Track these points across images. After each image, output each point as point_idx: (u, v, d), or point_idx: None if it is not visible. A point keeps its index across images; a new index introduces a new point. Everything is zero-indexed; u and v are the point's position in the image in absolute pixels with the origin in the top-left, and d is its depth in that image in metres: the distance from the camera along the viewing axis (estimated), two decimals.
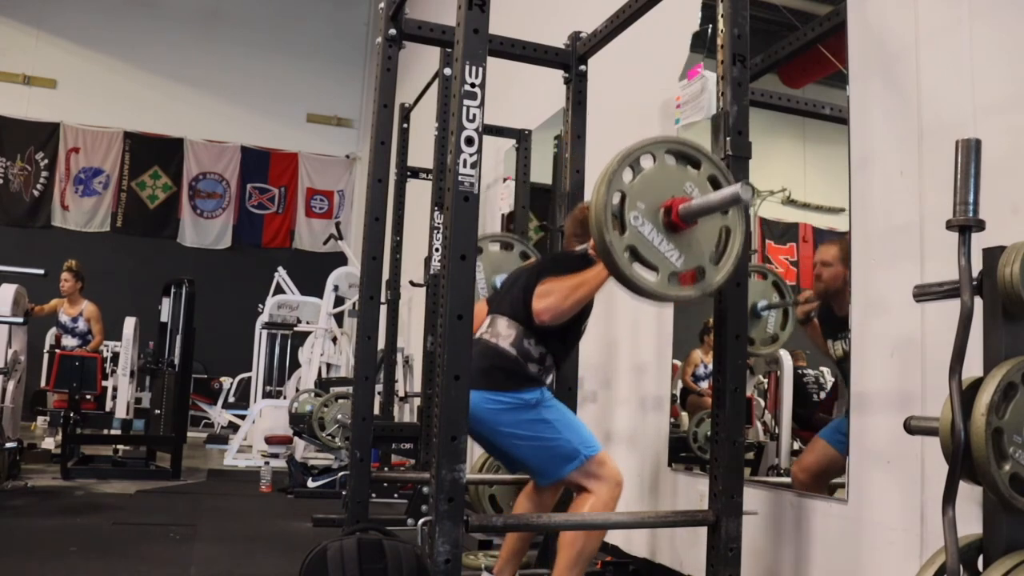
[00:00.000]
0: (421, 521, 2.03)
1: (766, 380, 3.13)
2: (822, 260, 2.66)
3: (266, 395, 8.25)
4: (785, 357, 2.93)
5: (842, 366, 2.41)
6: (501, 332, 2.47)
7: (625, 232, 1.86)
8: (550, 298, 2.34)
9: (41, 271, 5.65)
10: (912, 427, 1.55)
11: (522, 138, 4.69)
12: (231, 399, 9.57)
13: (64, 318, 6.92)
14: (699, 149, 1.98)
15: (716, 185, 1.97)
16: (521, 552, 2.72)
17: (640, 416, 3.46)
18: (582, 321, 2.63)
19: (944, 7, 2.10)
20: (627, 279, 1.86)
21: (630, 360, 3.58)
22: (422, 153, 5.52)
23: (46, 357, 8.37)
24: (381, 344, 5.17)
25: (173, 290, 6.93)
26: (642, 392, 3.47)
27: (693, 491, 3.01)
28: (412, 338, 7.01)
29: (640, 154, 1.94)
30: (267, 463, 6.02)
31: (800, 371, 2.90)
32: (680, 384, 3.35)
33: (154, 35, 11.02)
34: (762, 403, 3.13)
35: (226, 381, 9.69)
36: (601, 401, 3.76)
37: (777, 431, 3.00)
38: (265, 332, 8.59)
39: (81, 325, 6.91)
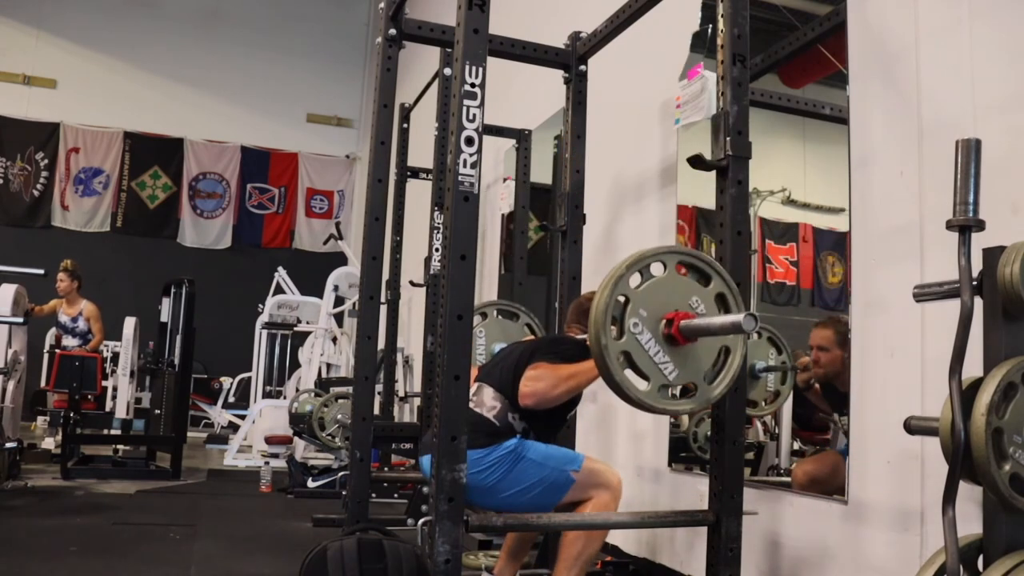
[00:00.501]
0: (421, 521, 2.03)
1: None
2: (818, 345, 2.60)
3: (266, 395, 8.24)
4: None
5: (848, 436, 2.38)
6: (486, 403, 2.44)
7: (623, 337, 1.84)
8: (539, 384, 2.32)
9: (41, 271, 5.65)
10: (912, 427, 1.55)
11: (522, 138, 4.69)
12: (231, 399, 9.56)
13: (64, 318, 6.92)
14: (711, 265, 1.96)
15: (724, 303, 1.95)
16: (521, 552, 2.72)
17: (639, 415, 3.45)
18: (569, 410, 2.61)
19: (944, 7, 2.10)
20: (617, 385, 1.83)
21: None
22: (422, 153, 5.52)
23: (46, 357, 8.37)
24: (381, 344, 5.17)
25: (173, 290, 6.93)
26: None
27: (693, 491, 3.01)
28: (412, 338, 7.01)
29: (651, 261, 1.91)
30: (267, 463, 6.02)
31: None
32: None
33: (154, 35, 11.02)
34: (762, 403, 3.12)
35: (226, 381, 9.68)
36: (601, 401, 3.76)
37: (777, 431, 3.00)
38: (265, 332, 8.58)
39: (81, 325, 6.91)
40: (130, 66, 10.91)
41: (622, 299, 1.85)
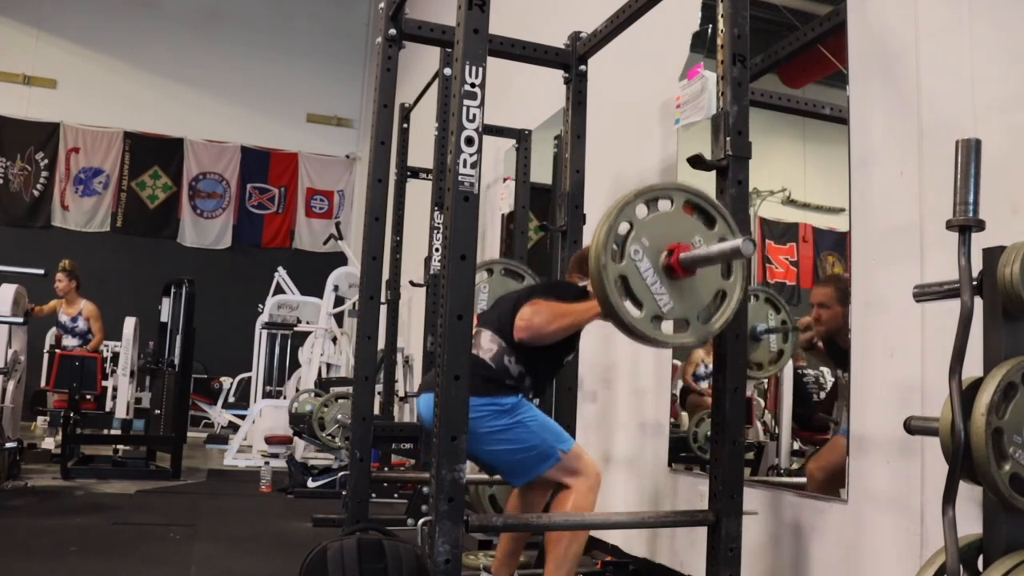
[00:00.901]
0: (421, 521, 2.03)
1: (766, 380, 3.12)
2: (819, 302, 2.63)
3: (266, 395, 8.25)
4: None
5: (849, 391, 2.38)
6: (483, 345, 2.45)
7: (622, 261, 1.86)
8: (535, 318, 2.33)
9: (40, 271, 5.65)
10: (912, 427, 1.55)
11: (522, 138, 4.69)
12: (231, 399, 9.57)
13: (63, 318, 6.92)
14: (717, 207, 1.98)
15: None
16: (517, 551, 2.72)
17: (639, 415, 3.46)
18: (565, 354, 2.62)
19: (944, 7, 2.10)
20: (610, 306, 1.85)
21: (630, 358, 3.58)
22: (422, 153, 5.52)
23: (46, 357, 8.37)
24: (381, 344, 5.17)
25: (173, 290, 6.93)
26: (641, 393, 3.46)
27: (693, 491, 3.01)
28: (412, 338, 7.01)
29: (659, 195, 1.93)
30: (267, 463, 6.02)
31: (800, 371, 2.90)
32: (680, 384, 3.34)
33: (154, 35, 11.02)
34: (762, 403, 3.13)
35: (226, 381, 9.68)
36: (601, 401, 3.76)
37: (777, 431, 3.00)
38: (265, 332, 8.58)
39: (81, 325, 6.91)
40: (130, 66, 10.91)
41: (627, 226, 1.87)
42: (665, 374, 3.29)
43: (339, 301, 7.33)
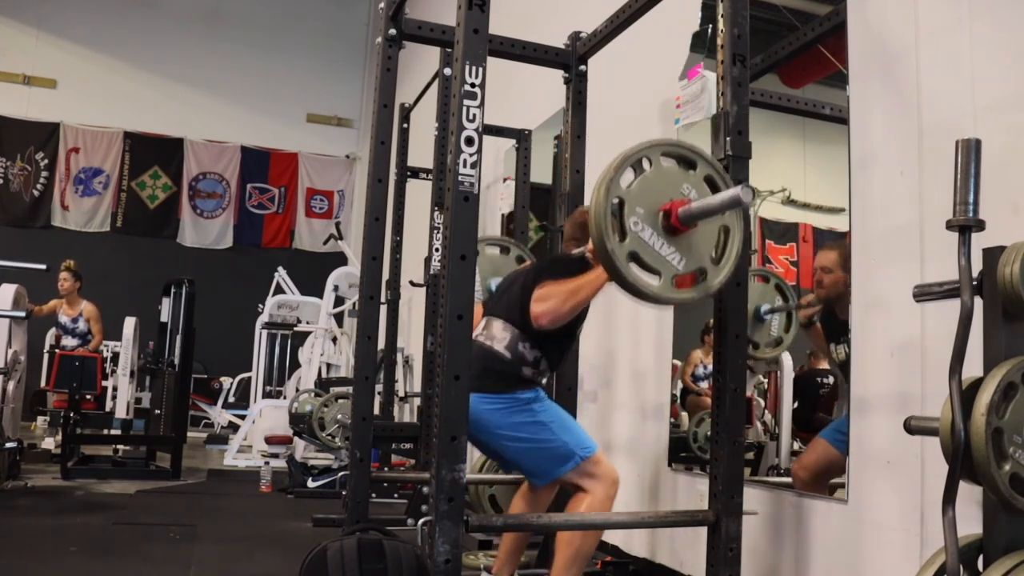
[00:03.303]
0: (421, 521, 2.03)
1: (766, 380, 3.13)
2: (822, 266, 2.64)
3: (266, 395, 8.24)
4: (785, 357, 2.93)
5: (844, 369, 2.40)
6: (496, 335, 2.46)
7: (626, 238, 1.86)
8: (549, 302, 2.33)
9: (43, 266, 5.65)
10: (912, 427, 1.55)
11: (522, 138, 4.69)
12: (231, 399, 9.56)
13: (64, 318, 6.92)
14: (694, 150, 1.98)
15: (713, 185, 1.97)
16: (519, 551, 2.72)
17: (640, 417, 3.46)
18: (578, 325, 2.62)
19: (944, 7, 2.10)
20: (630, 285, 1.86)
21: (630, 359, 3.58)
22: (422, 153, 5.52)
23: (46, 357, 8.36)
24: (381, 344, 5.17)
25: (173, 290, 6.93)
26: (642, 395, 3.46)
27: (693, 491, 3.01)
28: (412, 338, 7.01)
29: (636, 158, 1.94)
30: (267, 463, 6.02)
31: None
32: (680, 384, 3.35)
33: (154, 35, 11.02)
34: (762, 403, 3.13)
35: (226, 381, 9.68)
36: (601, 401, 3.76)
37: (777, 431, 3.00)
38: (265, 332, 8.58)
39: (81, 325, 6.91)
40: (130, 66, 10.91)
41: (617, 201, 1.87)
42: (665, 375, 3.29)
43: (339, 301, 7.33)
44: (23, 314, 5.25)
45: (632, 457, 3.45)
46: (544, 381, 2.55)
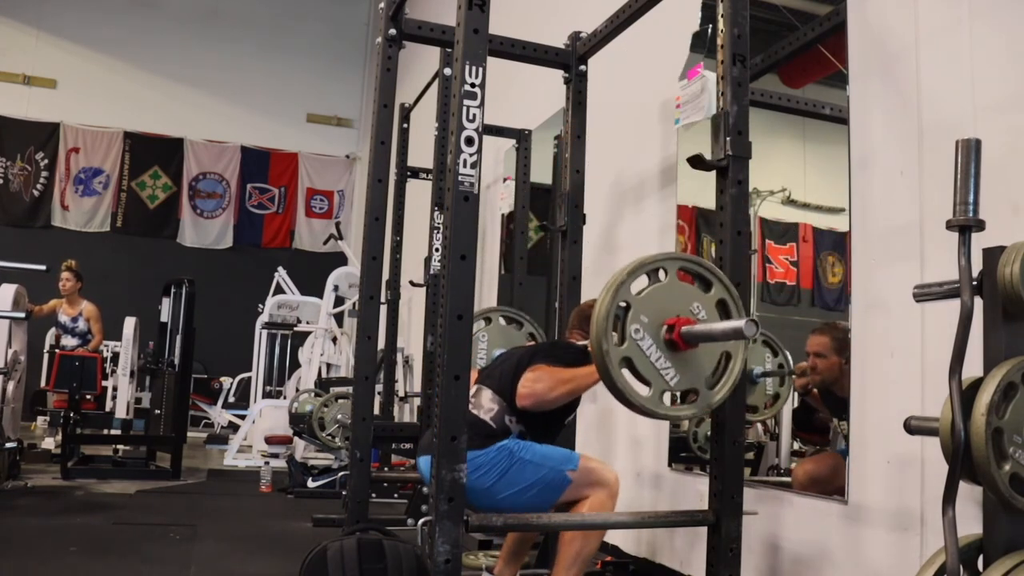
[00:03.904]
0: (421, 521, 2.03)
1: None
2: (815, 352, 2.59)
3: (266, 395, 8.24)
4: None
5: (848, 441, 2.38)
6: (484, 405, 2.45)
7: (624, 343, 1.84)
8: (537, 385, 2.32)
9: (43, 267, 5.65)
10: (912, 427, 1.55)
11: (522, 138, 4.69)
12: (231, 399, 9.56)
13: (64, 318, 6.92)
14: (713, 272, 1.96)
15: (724, 309, 1.95)
16: (521, 552, 2.72)
17: (640, 417, 3.45)
18: (566, 415, 2.61)
19: (944, 7, 2.10)
20: (619, 391, 1.83)
21: None
22: (422, 153, 5.52)
23: (46, 357, 8.36)
24: (381, 344, 5.17)
25: (173, 290, 6.92)
26: None
27: (693, 491, 3.01)
28: (412, 338, 7.01)
29: (653, 267, 1.91)
30: (267, 463, 6.02)
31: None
32: None
33: (154, 35, 11.02)
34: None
35: (226, 381, 9.68)
36: (601, 401, 3.76)
37: (777, 431, 3.00)
38: (265, 332, 8.58)
39: (81, 325, 6.91)
40: (130, 66, 10.91)
41: (624, 305, 1.85)
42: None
43: (339, 301, 7.33)
44: (23, 315, 5.25)
45: (632, 457, 3.45)
46: None
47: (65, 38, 10.72)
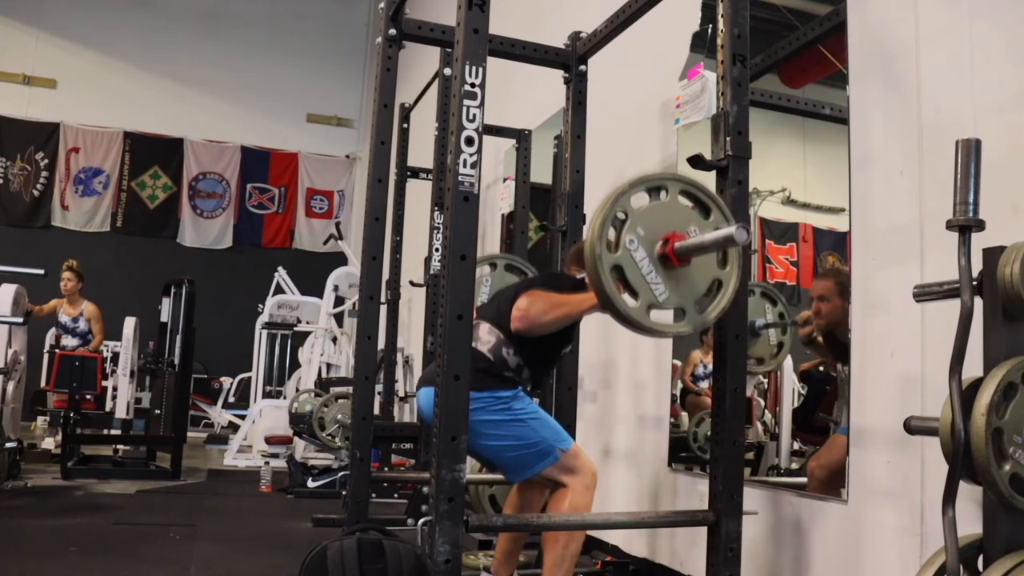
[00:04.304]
0: (421, 521, 2.03)
1: (766, 380, 3.13)
2: (819, 295, 2.62)
3: (266, 395, 8.24)
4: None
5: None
6: (481, 337, 2.45)
7: (618, 251, 1.86)
8: (531, 308, 2.33)
9: (41, 271, 5.65)
10: (912, 427, 1.55)
11: (522, 138, 4.69)
12: (231, 399, 9.57)
13: (64, 318, 6.92)
14: (713, 197, 1.99)
15: None
16: (516, 551, 2.72)
17: (640, 417, 3.46)
18: (562, 346, 2.62)
19: (944, 7, 2.10)
20: (605, 296, 1.86)
21: (630, 358, 3.58)
22: (422, 153, 5.52)
23: (46, 357, 8.37)
24: (381, 344, 5.17)
25: (173, 290, 6.93)
26: (642, 395, 3.46)
27: (693, 491, 3.01)
28: (412, 338, 7.01)
29: (655, 184, 1.94)
30: (267, 463, 6.02)
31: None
32: (680, 384, 3.35)
33: (154, 35, 11.02)
34: (762, 403, 3.13)
35: (226, 381, 9.68)
36: (601, 401, 3.76)
37: (777, 431, 3.00)
38: (265, 332, 8.58)
39: (81, 325, 6.91)
40: (130, 66, 10.91)
41: (622, 215, 1.88)
42: (665, 375, 3.29)
43: (339, 301, 7.33)
44: (20, 320, 5.26)
45: (632, 457, 3.45)
46: (528, 389, 2.54)
47: (65, 38, 10.72)
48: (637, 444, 3.44)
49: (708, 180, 2.19)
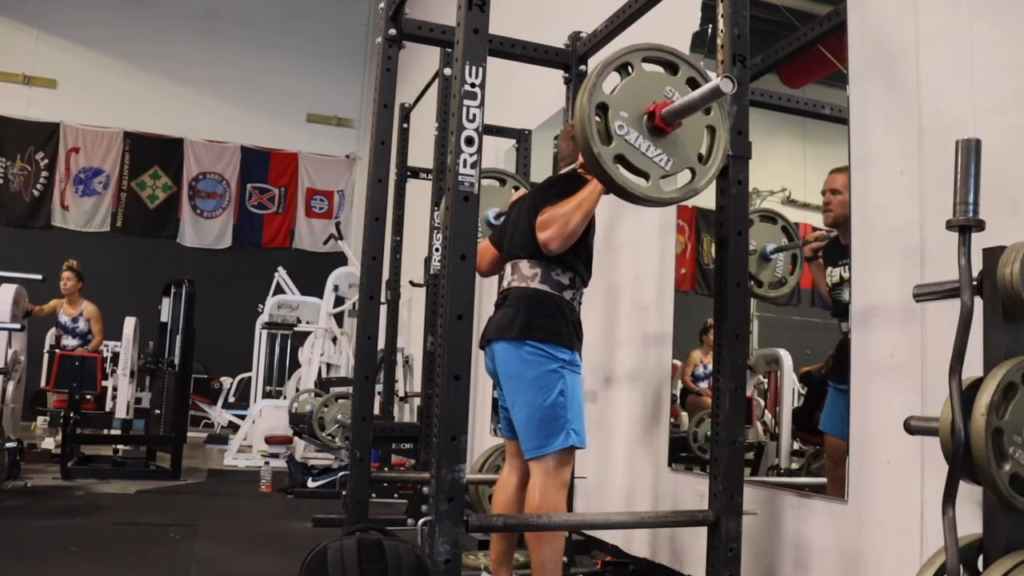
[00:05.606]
0: (421, 521, 2.03)
1: (766, 380, 3.13)
2: (831, 188, 2.62)
3: (266, 395, 8.24)
4: (785, 357, 2.93)
5: (835, 291, 2.42)
6: (527, 274, 2.51)
7: (612, 142, 1.90)
8: (553, 227, 2.38)
9: (39, 276, 5.65)
10: (912, 427, 1.55)
11: (522, 138, 4.69)
12: (231, 399, 9.57)
13: (64, 318, 6.92)
14: (675, 53, 2.04)
15: (695, 86, 2.01)
16: (511, 549, 2.72)
17: (640, 417, 3.46)
18: (590, 235, 2.64)
19: (944, 7, 2.10)
20: (619, 188, 1.92)
21: (630, 358, 3.58)
22: (422, 153, 5.52)
23: (46, 357, 8.37)
24: (381, 344, 5.17)
25: (173, 290, 6.93)
26: (642, 395, 3.47)
27: (693, 491, 3.01)
28: (412, 338, 7.01)
29: (619, 63, 1.98)
30: (267, 463, 6.02)
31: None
32: (680, 384, 3.35)
33: (154, 35, 11.03)
34: (762, 403, 3.13)
35: (226, 381, 9.68)
36: (601, 401, 3.76)
37: (777, 431, 3.00)
38: (265, 332, 8.58)
39: (81, 325, 6.91)
40: (130, 66, 10.91)
41: (600, 105, 1.91)
42: (665, 374, 3.29)
43: (339, 301, 7.33)
44: (18, 327, 5.26)
45: (632, 456, 3.45)
46: (580, 345, 2.56)
47: (65, 38, 10.72)
48: (638, 443, 3.44)
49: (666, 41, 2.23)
